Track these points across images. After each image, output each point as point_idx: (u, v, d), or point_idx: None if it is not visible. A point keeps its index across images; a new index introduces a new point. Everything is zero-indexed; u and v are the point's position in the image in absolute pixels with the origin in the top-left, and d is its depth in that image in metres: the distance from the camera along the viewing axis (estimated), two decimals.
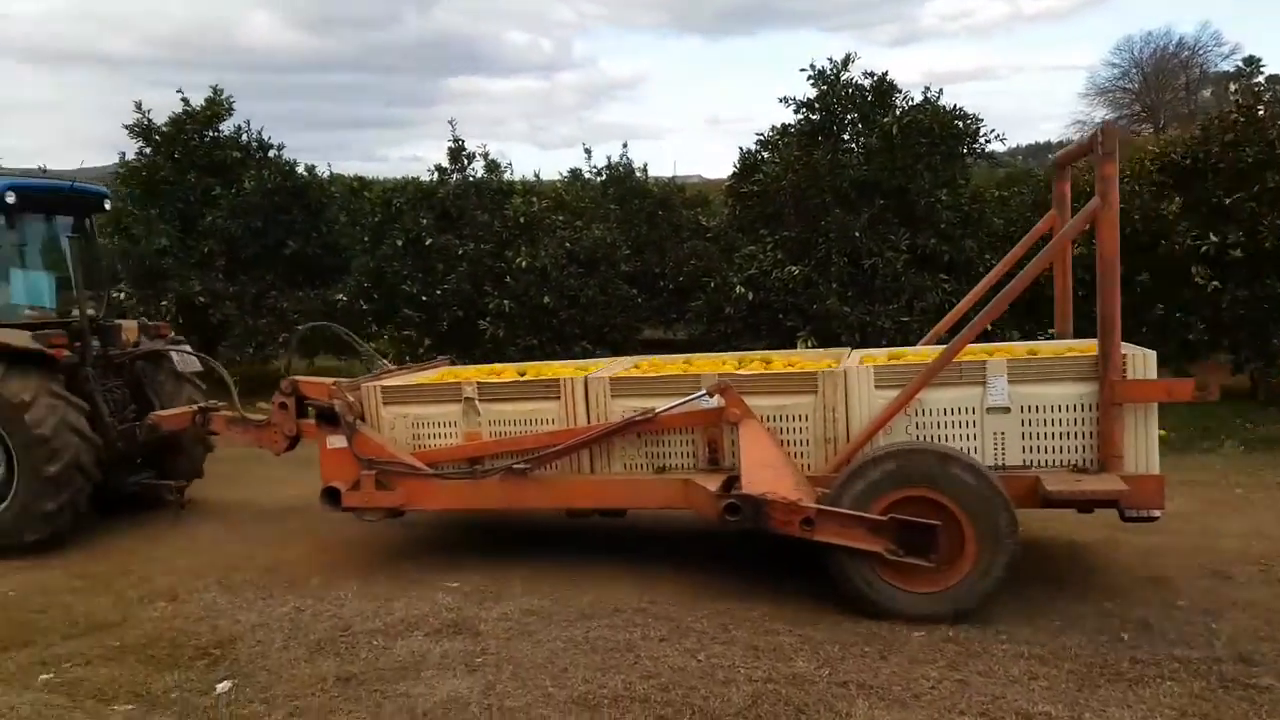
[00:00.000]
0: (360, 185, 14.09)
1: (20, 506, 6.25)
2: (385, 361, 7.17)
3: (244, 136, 13.36)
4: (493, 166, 12.25)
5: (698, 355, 6.27)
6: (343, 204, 13.19)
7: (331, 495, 5.57)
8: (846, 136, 11.09)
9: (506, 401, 5.48)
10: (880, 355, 5.67)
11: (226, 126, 13.32)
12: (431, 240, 11.19)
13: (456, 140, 12.15)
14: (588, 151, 14.61)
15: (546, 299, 10.77)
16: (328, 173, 14.14)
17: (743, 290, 10.50)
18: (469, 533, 6.43)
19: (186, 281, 11.67)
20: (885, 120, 10.51)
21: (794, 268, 10.36)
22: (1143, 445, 4.57)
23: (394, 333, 10.89)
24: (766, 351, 6.22)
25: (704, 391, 5.04)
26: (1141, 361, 4.57)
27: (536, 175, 14.77)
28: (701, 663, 4.15)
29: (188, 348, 7.60)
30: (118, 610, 5.13)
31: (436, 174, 12.09)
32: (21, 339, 6.33)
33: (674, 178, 15.74)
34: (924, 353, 5.40)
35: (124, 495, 7.09)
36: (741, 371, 5.31)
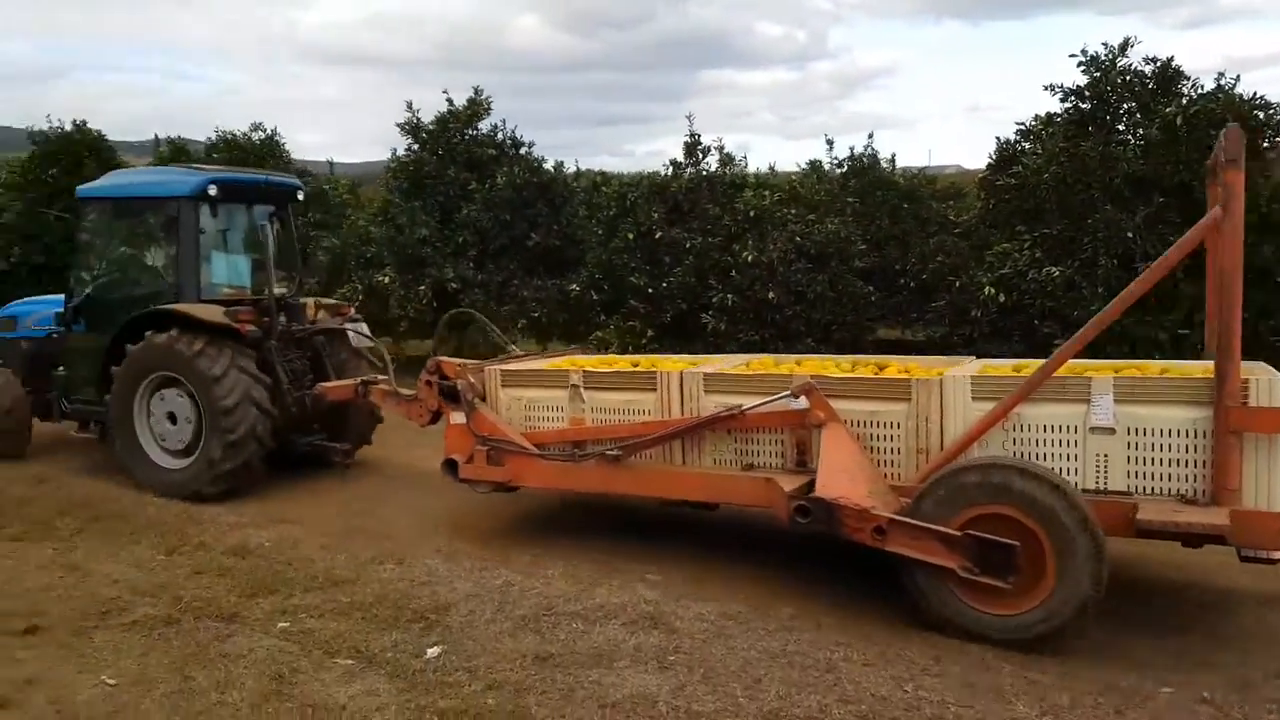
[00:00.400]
0: (603, 180, 14.54)
1: (203, 463, 7.02)
2: (514, 347, 7.69)
3: (499, 134, 14.15)
4: (726, 160, 12.19)
5: (811, 357, 6.27)
6: (585, 198, 13.65)
7: (450, 466, 6.08)
8: (1121, 127, 9.99)
9: (608, 390, 5.75)
10: (1005, 366, 5.28)
11: (485, 125, 14.16)
12: (661, 234, 11.29)
13: (693, 135, 12.20)
14: (829, 143, 14.25)
15: (771, 294, 10.54)
16: (574, 168, 14.69)
17: (993, 291, 9.74)
18: (674, 526, 6.38)
19: (442, 269, 12.53)
20: (1168, 110, 9.34)
21: (1054, 269, 9.46)
22: (1264, 478, 4.16)
23: (619, 323, 11.10)
24: (883, 357, 6.11)
25: (789, 392, 5.01)
26: (1266, 387, 4.16)
27: (771, 168, 14.60)
28: (908, 694, 3.82)
29: (364, 326, 8.28)
30: (352, 569, 5.53)
31: (670, 168, 12.20)
32: (215, 314, 7.12)
33: (923, 169, 15.00)
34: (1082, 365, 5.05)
35: (297, 454, 7.80)
36: (832, 375, 5.27)
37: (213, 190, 7.52)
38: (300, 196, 8.57)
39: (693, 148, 12.19)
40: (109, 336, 7.49)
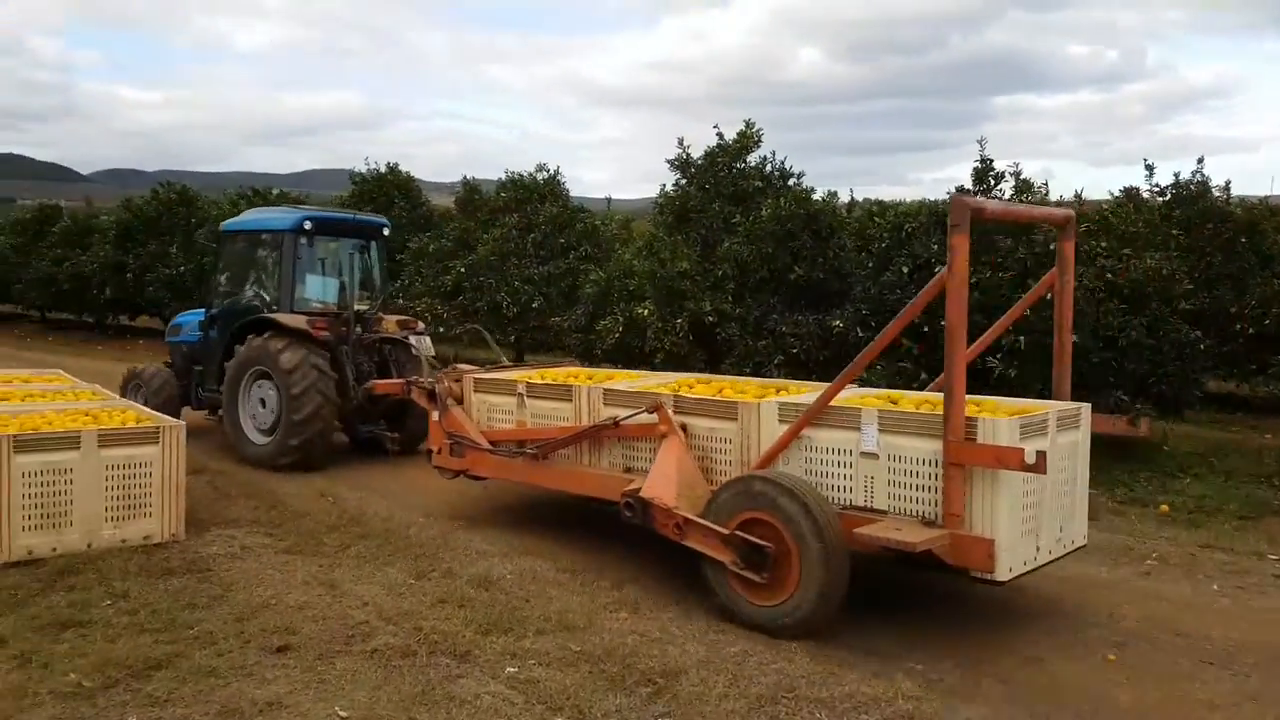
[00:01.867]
0: (879, 210, 13.69)
1: (281, 438, 8.68)
2: (504, 358, 9.19)
3: (767, 166, 13.77)
4: (1024, 186, 10.93)
5: (721, 379, 7.06)
6: (857, 230, 12.88)
7: (430, 455, 7.32)
8: None
9: (541, 399, 6.73)
10: (878, 396, 5.76)
11: (754, 157, 13.83)
12: (941, 267, 10.28)
13: (983, 160, 11.08)
14: (1149, 168, 12.42)
15: (1075, 337, 9.18)
16: (849, 198, 13.93)
17: None
18: (944, 604, 5.52)
19: (700, 302, 12.30)
20: None
21: None
22: (987, 507, 4.54)
23: (887, 364, 10.21)
24: (785, 382, 6.89)
25: (644, 408, 5.80)
26: (990, 427, 4.54)
27: (1079, 195, 13.00)
28: None
29: (427, 338, 9.69)
30: (585, 614, 5.26)
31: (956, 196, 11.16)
32: (297, 322, 8.82)
33: (1265, 198, 12.75)
34: (919, 399, 5.56)
35: (360, 440, 9.58)
36: (682, 394, 6.01)
37: (307, 225, 9.35)
38: (386, 233, 10.20)
39: (983, 174, 11.06)
40: (228, 340, 9.37)
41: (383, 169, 18.03)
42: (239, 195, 21.34)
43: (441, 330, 15.78)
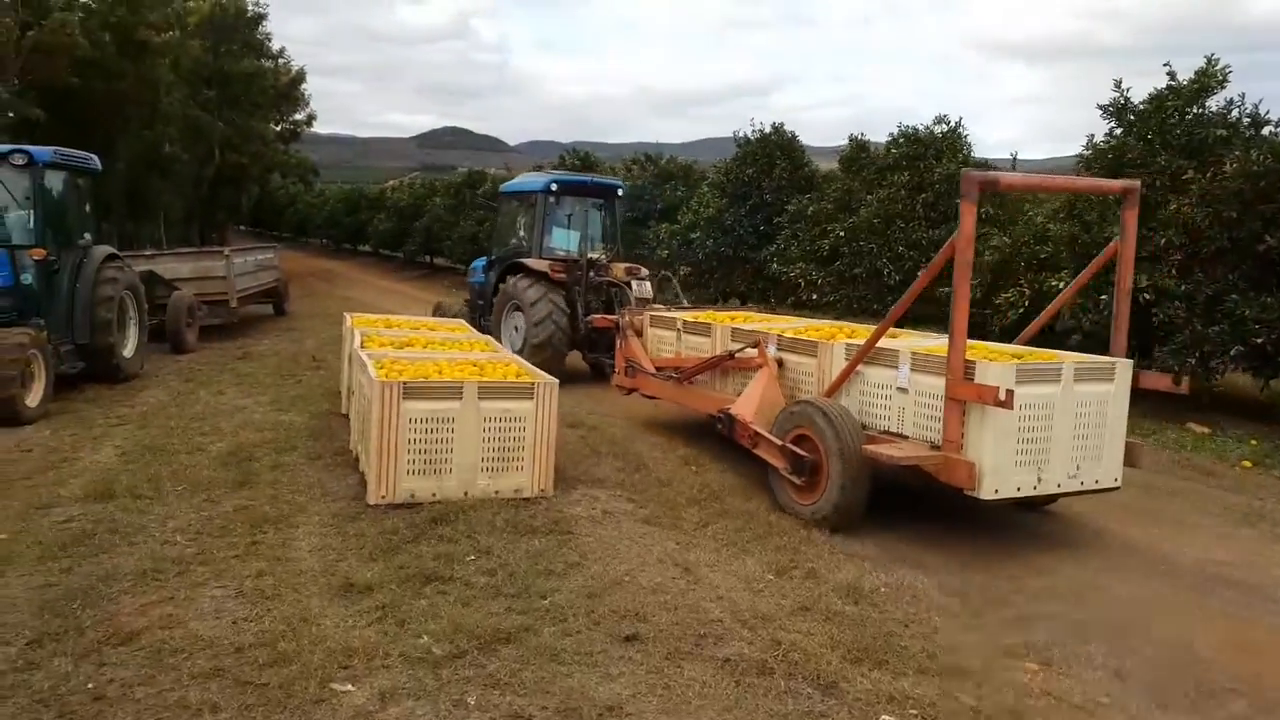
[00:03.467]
0: None
1: (524, 359, 9.73)
2: (684, 300, 11.38)
3: (1234, 112, 11.04)
4: None
5: (827, 324, 7.95)
6: None
7: (612, 376, 9.24)
8: None
9: (692, 334, 8.17)
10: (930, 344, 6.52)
11: (1216, 102, 11.18)
12: None
13: None
14: None
15: None
16: None
17: None
18: None
19: (1134, 275, 10.15)
20: None
21: None
22: (977, 436, 5.29)
23: None
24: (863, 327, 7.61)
25: (747, 344, 7.21)
26: (985, 369, 5.28)
27: None
28: None
29: (647, 284, 11.52)
30: (981, 656, 4.24)
31: None
32: (540, 265, 11.21)
33: None
34: (982, 348, 6.22)
35: (590, 365, 11.73)
36: (782, 333, 7.07)
37: (554, 187, 11.77)
38: (620, 194, 12.51)
39: None
40: (497, 279, 11.97)
41: (766, 129, 17.53)
42: (633, 161, 22.18)
43: (815, 298, 14.98)
